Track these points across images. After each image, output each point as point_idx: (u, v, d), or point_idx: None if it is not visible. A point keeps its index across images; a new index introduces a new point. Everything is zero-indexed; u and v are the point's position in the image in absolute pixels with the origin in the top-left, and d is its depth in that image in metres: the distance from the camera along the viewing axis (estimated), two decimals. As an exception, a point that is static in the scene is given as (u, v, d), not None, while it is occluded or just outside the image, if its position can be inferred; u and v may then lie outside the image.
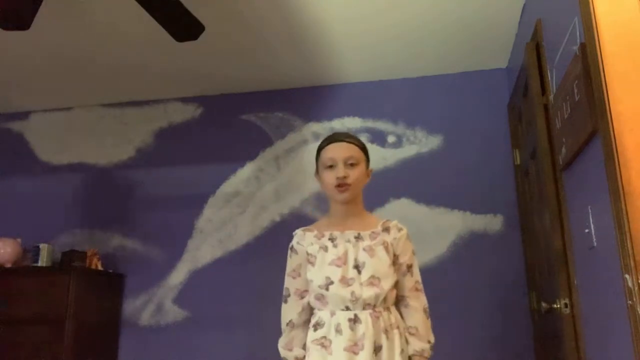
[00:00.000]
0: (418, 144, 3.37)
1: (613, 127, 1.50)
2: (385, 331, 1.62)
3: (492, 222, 3.16)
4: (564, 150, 2.03)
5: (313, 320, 1.70)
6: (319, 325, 1.66)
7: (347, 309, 1.63)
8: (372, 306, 1.63)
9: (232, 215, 3.50)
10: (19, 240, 3.40)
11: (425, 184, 3.28)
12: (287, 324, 1.74)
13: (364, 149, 1.80)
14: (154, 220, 3.60)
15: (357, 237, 1.72)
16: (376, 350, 1.59)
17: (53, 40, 3.03)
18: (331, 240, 1.73)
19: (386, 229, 1.75)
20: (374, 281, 1.65)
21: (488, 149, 3.26)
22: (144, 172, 3.72)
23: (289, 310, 1.75)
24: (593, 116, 1.62)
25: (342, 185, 1.70)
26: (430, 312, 1.78)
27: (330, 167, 1.73)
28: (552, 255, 2.23)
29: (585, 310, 1.98)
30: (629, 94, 1.52)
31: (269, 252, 3.29)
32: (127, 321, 3.46)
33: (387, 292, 1.66)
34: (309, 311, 1.74)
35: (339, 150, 1.74)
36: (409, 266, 1.74)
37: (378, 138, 3.43)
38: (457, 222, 3.19)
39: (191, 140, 3.70)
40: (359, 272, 1.65)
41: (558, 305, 2.13)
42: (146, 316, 3.44)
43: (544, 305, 2.30)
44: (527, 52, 2.48)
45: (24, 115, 4.01)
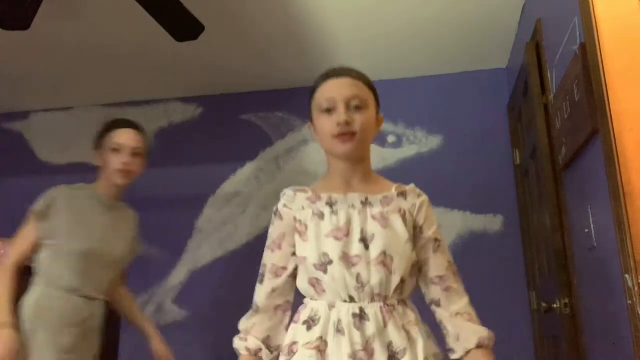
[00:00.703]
0: (418, 144, 3.37)
1: (613, 127, 1.50)
2: (405, 330, 1.22)
3: (492, 222, 3.16)
4: (564, 150, 2.03)
5: (305, 314, 1.27)
6: (313, 322, 1.23)
7: (351, 299, 1.21)
8: (383, 297, 1.22)
9: (232, 215, 3.50)
10: (19, 240, 3.39)
11: (425, 184, 3.25)
12: (252, 308, 1.36)
13: (373, 89, 1.37)
14: (154, 220, 3.59)
15: (365, 202, 1.28)
16: (392, 358, 1.18)
17: (54, 40, 3.03)
18: (330, 205, 1.28)
19: (402, 194, 1.33)
20: (386, 260, 1.22)
21: (488, 149, 3.26)
22: (144, 172, 3.71)
23: (260, 292, 1.36)
24: (593, 116, 1.62)
25: (344, 134, 1.26)
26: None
27: (328, 110, 1.29)
28: (552, 255, 2.23)
29: (585, 310, 1.98)
30: (629, 93, 1.52)
31: (269, 252, 3.29)
32: (127, 321, 3.46)
33: (405, 277, 1.25)
34: (286, 295, 1.34)
35: (340, 89, 1.29)
36: (438, 241, 1.35)
37: (378, 138, 3.40)
38: (457, 222, 3.19)
39: (191, 140, 3.70)
40: (367, 248, 1.22)
41: (558, 305, 2.13)
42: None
43: (544, 305, 2.30)
44: (527, 52, 2.48)
45: (24, 115, 4.01)
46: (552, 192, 2.23)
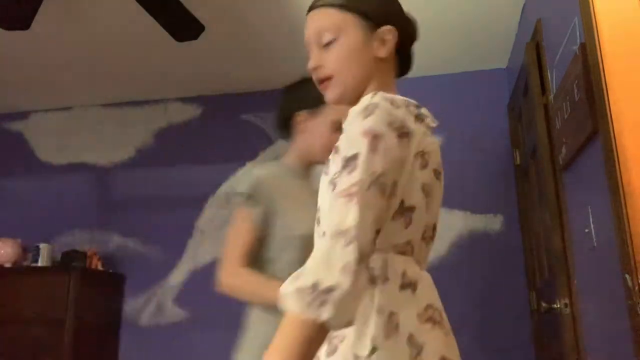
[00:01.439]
0: (418, 144, 3.36)
1: (613, 127, 1.50)
2: None
3: (492, 222, 3.16)
4: (564, 150, 2.03)
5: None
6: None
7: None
8: None
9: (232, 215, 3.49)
10: (19, 240, 3.40)
11: (425, 184, 3.28)
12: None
13: (351, 6, 1.06)
14: (154, 220, 3.60)
15: None
16: None
17: (53, 40, 3.03)
18: None
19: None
20: None
21: (488, 149, 3.26)
22: (144, 172, 3.72)
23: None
24: (593, 116, 1.62)
25: (319, 81, 1.07)
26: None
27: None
28: (552, 255, 2.23)
29: (585, 310, 1.98)
30: (629, 94, 1.52)
31: (269, 252, 3.28)
32: (127, 321, 3.46)
33: None
34: None
35: (308, 29, 1.08)
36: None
37: (378, 138, 3.42)
38: (457, 222, 3.19)
39: (191, 140, 3.70)
40: None
41: (558, 305, 2.13)
42: (146, 316, 3.44)
43: (544, 305, 2.30)
44: (527, 52, 2.48)
45: (24, 115, 4.01)
46: (552, 192, 2.23)
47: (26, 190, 3.85)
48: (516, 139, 3.12)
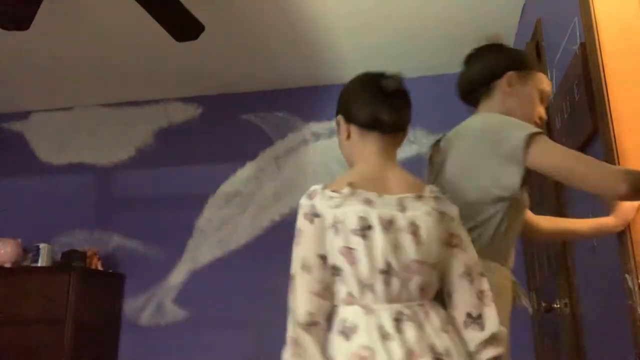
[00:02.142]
0: (418, 144, 3.36)
1: (613, 127, 1.50)
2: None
3: (492, 222, 3.15)
4: (564, 150, 2.03)
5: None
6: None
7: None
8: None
9: (232, 215, 3.50)
10: (19, 240, 3.40)
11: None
12: None
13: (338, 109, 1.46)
14: (154, 220, 3.60)
15: None
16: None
17: (53, 40, 3.03)
18: None
19: None
20: None
21: (488, 149, 3.26)
22: (144, 172, 3.72)
23: None
24: (593, 116, 1.62)
25: None
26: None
27: None
28: (552, 255, 2.23)
29: (585, 310, 1.98)
30: (629, 94, 1.52)
31: (269, 252, 3.28)
32: (127, 321, 3.46)
33: None
34: None
35: None
36: None
37: (378, 138, 3.42)
38: (457, 222, 3.19)
39: (191, 140, 3.70)
40: None
41: (558, 305, 2.13)
42: (146, 316, 3.44)
43: (544, 305, 2.30)
44: (527, 52, 2.48)
45: (24, 115, 4.00)
46: (552, 192, 2.23)
47: (26, 190, 3.85)
48: (516, 139, 3.12)
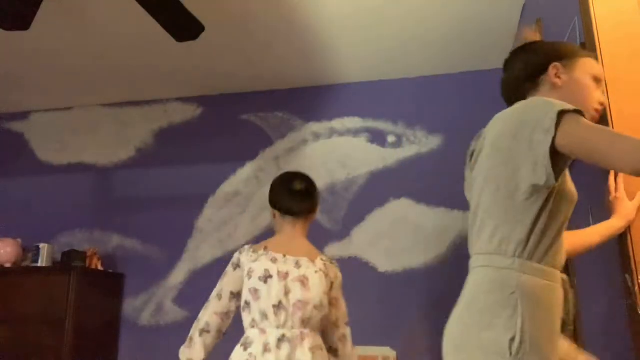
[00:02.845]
0: (418, 144, 3.36)
1: (613, 127, 1.50)
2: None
3: (492, 222, 3.15)
4: (564, 150, 2.02)
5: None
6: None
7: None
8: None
9: (232, 215, 3.50)
10: (19, 240, 3.40)
11: (425, 184, 3.28)
12: None
13: None
14: (154, 220, 3.60)
15: None
16: None
17: (53, 40, 3.03)
18: None
19: None
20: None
21: (488, 149, 3.26)
22: (144, 172, 3.72)
23: None
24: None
25: None
26: (430, 311, 1.75)
27: None
28: (552, 255, 2.23)
29: (586, 310, 1.98)
30: (629, 94, 1.52)
31: (269, 252, 3.28)
32: (127, 321, 3.46)
33: None
34: None
35: None
36: None
37: (378, 138, 3.42)
38: (457, 222, 3.19)
39: (191, 140, 3.71)
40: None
41: (558, 305, 2.12)
42: (146, 316, 3.44)
43: (544, 305, 2.30)
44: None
45: (24, 115, 4.01)
46: (552, 192, 2.23)
47: (26, 191, 3.85)
48: (516, 139, 3.12)
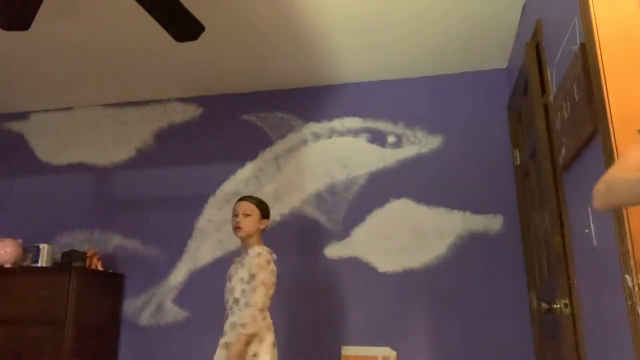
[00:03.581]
0: (418, 144, 3.37)
1: (613, 127, 1.50)
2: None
3: (492, 222, 3.16)
4: (564, 150, 2.03)
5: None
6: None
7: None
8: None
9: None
10: (19, 240, 3.40)
11: (425, 184, 3.29)
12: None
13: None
14: (154, 220, 3.60)
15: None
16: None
17: (53, 40, 3.03)
18: None
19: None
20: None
21: (488, 149, 3.26)
22: (144, 172, 3.72)
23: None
24: (593, 116, 1.62)
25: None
26: (430, 311, 1.75)
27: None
28: (552, 255, 2.23)
29: (585, 310, 1.98)
30: (629, 94, 1.52)
31: (269, 252, 3.28)
32: (127, 321, 3.46)
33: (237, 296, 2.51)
34: None
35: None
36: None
37: (378, 138, 3.43)
38: (457, 222, 3.19)
39: (191, 140, 3.71)
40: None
41: (558, 305, 2.13)
42: (146, 316, 3.44)
43: (544, 305, 2.30)
44: (527, 52, 2.48)
45: (24, 115, 4.01)
46: (552, 192, 2.23)
47: (26, 191, 3.85)
48: (516, 139, 3.12)
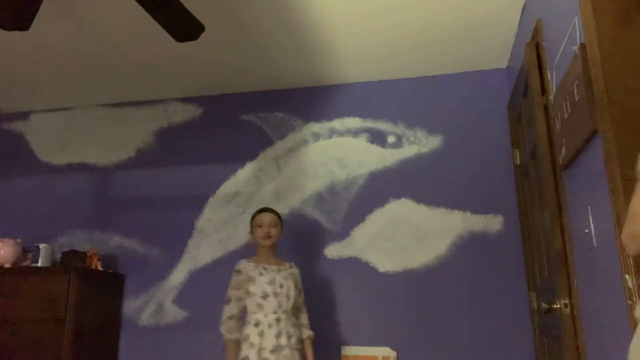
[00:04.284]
0: (418, 144, 3.37)
1: (613, 127, 1.50)
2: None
3: (492, 222, 3.16)
4: (564, 150, 2.03)
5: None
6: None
7: (274, 312, 2.58)
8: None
9: (232, 215, 3.50)
10: (19, 240, 3.40)
11: (425, 184, 3.29)
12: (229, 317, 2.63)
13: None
14: (154, 220, 3.60)
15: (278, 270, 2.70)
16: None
17: (53, 40, 3.03)
18: (264, 269, 2.68)
19: (290, 267, 2.74)
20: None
21: (488, 149, 3.26)
22: (144, 172, 3.72)
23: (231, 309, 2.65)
24: (593, 116, 1.62)
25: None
26: (430, 311, 1.75)
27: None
28: (552, 255, 2.23)
29: (585, 310, 1.98)
30: (629, 94, 1.52)
31: (269, 252, 3.28)
32: (127, 321, 3.46)
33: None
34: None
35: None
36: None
37: (378, 138, 3.42)
38: (457, 222, 3.19)
39: (191, 140, 3.71)
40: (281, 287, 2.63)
41: (558, 305, 2.13)
42: (146, 316, 3.44)
43: (544, 305, 2.30)
44: (527, 52, 2.48)
45: (24, 115, 4.01)
46: (552, 192, 2.23)
47: (26, 190, 3.85)
48: (516, 139, 3.12)
